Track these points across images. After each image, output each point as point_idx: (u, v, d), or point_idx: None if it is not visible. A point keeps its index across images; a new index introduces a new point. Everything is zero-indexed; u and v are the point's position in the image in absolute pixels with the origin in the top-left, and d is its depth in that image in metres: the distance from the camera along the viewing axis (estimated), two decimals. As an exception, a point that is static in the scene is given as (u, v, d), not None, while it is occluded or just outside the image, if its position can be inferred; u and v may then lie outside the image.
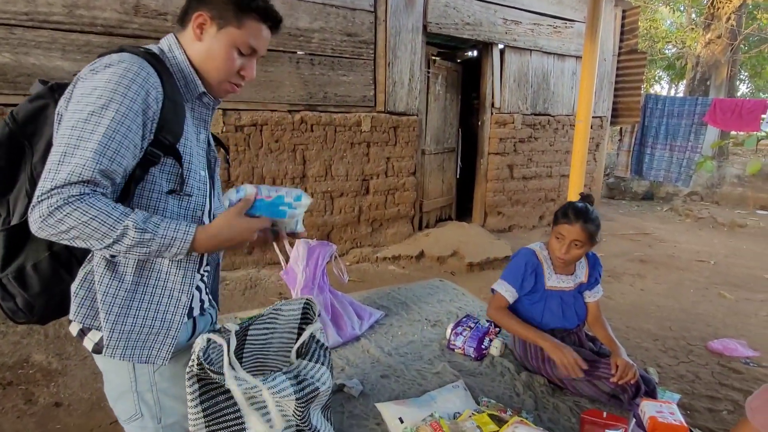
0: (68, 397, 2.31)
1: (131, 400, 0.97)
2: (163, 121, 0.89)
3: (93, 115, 0.80)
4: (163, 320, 0.94)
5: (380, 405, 1.57)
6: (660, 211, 7.83)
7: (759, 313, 3.62)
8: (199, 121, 1.04)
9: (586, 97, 3.70)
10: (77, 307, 0.92)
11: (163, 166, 0.92)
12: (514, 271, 1.82)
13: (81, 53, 3.17)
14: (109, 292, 0.90)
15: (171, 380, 1.00)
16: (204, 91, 1.00)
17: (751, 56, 11.53)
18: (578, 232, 1.68)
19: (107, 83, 0.83)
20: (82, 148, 0.79)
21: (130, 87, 0.84)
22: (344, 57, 4.20)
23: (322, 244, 2.21)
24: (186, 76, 0.98)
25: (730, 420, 2.29)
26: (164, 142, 0.90)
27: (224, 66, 0.98)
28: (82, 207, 0.78)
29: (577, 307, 1.84)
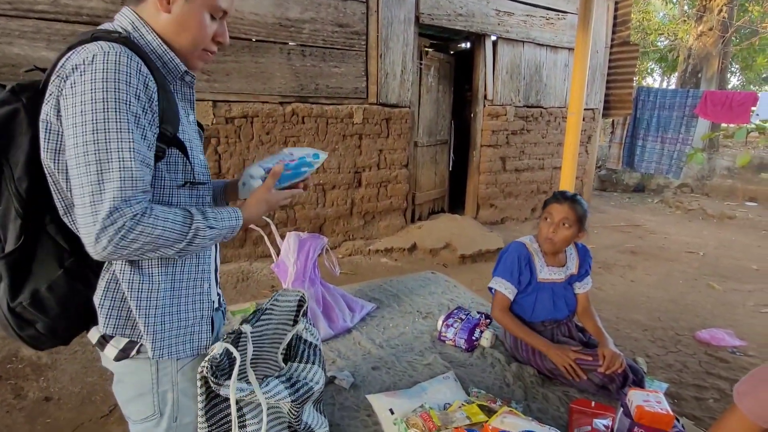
0: (58, 392, 2.30)
1: (150, 401, 0.95)
2: (162, 112, 0.84)
3: (108, 122, 0.75)
4: (195, 311, 0.96)
5: (371, 396, 1.58)
6: (651, 202, 7.89)
7: (746, 303, 3.67)
8: (185, 103, 0.98)
9: (578, 89, 3.70)
10: (105, 319, 0.89)
11: (167, 159, 0.88)
12: (508, 266, 1.82)
13: (67, 43, 3.10)
14: (143, 297, 0.88)
15: (191, 380, 0.98)
16: (186, 70, 0.94)
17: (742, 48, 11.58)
18: (567, 210, 1.71)
19: (106, 83, 0.76)
20: (117, 159, 0.75)
21: (130, 82, 0.78)
22: (336, 48, 4.16)
23: (313, 236, 2.20)
24: (162, 56, 0.90)
25: (716, 408, 2.33)
26: (167, 134, 0.85)
27: (200, 35, 0.91)
28: (150, 222, 0.78)
29: (568, 298, 1.86)
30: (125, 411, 0.99)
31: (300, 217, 4.32)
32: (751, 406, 0.94)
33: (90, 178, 0.75)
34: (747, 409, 0.94)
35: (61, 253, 0.86)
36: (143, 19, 0.88)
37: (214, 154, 3.80)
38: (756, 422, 0.94)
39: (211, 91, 3.66)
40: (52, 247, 0.85)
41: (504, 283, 1.81)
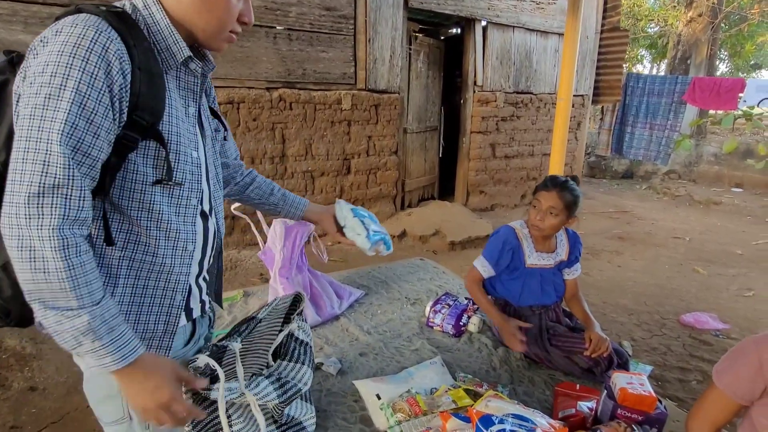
0: (43, 381, 2.27)
1: (119, 404, 0.89)
2: (135, 97, 0.75)
3: (50, 99, 0.68)
4: (158, 322, 0.86)
5: (358, 382, 1.58)
6: (639, 189, 7.96)
7: (730, 287, 3.74)
8: (186, 92, 0.89)
9: (568, 75, 3.68)
10: None
11: (145, 151, 0.79)
12: (492, 249, 1.84)
13: (44, 26, 3.00)
14: None
15: None
16: (190, 56, 0.84)
17: (731, 35, 11.62)
18: (554, 198, 1.70)
19: (60, 56, 0.69)
20: (45, 140, 0.68)
21: (88, 59, 0.69)
22: (323, 32, 4.09)
23: (299, 223, 2.18)
24: (166, 38, 0.81)
25: (699, 389, 2.37)
26: (141, 122, 0.76)
27: (227, 15, 0.83)
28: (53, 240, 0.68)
29: (556, 284, 1.87)
30: (96, 412, 0.94)
31: (289, 205, 4.28)
32: (729, 382, 0.96)
33: (17, 155, 0.68)
34: (725, 386, 0.96)
35: None
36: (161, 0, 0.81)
37: (200, 141, 3.73)
38: (733, 398, 0.96)
39: (195, 76, 3.58)
40: None
41: (484, 263, 1.85)
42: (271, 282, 2.14)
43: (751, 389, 0.94)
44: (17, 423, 2.01)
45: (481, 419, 1.04)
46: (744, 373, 0.94)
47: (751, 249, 4.77)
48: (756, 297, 3.55)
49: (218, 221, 1.01)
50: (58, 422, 2.02)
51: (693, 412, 1.04)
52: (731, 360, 0.98)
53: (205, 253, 0.95)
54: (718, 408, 0.99)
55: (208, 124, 0.99)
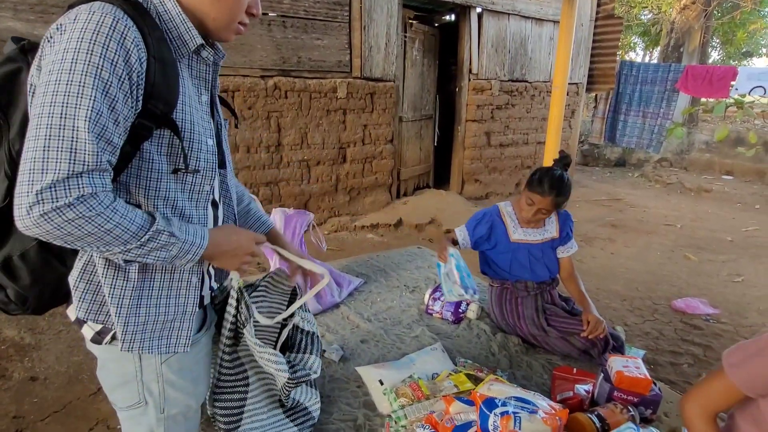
0: (44, 371, 2.28)
1: (135, 389, 0.91)
2: (150, 86, 0.75)
3: (72, 85, 0.67)
4: (177, 305, 0.88)
5: (360, 368, 1.61)
6: (631, 177, 8.03)
7: (720, 273, 3.81)
8: (199, 81, 0.89)
9: (563, 62, 3.69)
10: (79, 302, 0.85)
11: (159, 140, 0.80)
12: (472, 218, 1.95)
13: (34, 13, 2.95)
14: (117, 285, 0.82)
15: (178, 372, 0.93)
16: (202, 44, 0.84)
17: (723, 23, 11.65)
18: (548, 203, 1.75)
19: (80, 43, 0.68)
20: (70, 128, 0.66)
21: (108, 46, 0.69)
22: (318, 19, 4.05)
23: (299, 212, 2.19)
24: (178, 26, 0.81)
25: (690, 372, 2.44)
26: (155, 111, 0.76)
27: (237, 6, 0.84)
28: (97, 207, 0.68)
29: (547, 261, 1.89)
30: (110, 397, 0.95)
31: (285, 194, 4.28)
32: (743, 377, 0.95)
33: (38, 143, 0.66)
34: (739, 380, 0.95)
35: None
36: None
37: (231, 128, 3.70)
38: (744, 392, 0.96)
39: (189, 64, 3.53)
40: None
41: (462, 231, 1.95)
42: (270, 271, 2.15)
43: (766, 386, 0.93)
44: (19, 413, 2.02)
45: (485, 402, 1.07)
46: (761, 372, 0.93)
47: (741, 235, 4.85)
48: (745, 282, 3.63)
49: (227, 210, 1.02)
50: (60, 411, 2.03)
51: (692, 396, 1.03)
52: (747, 353, 0.96)
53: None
54: (722, 396, 0.98)
55: (220, 114, 1.00)
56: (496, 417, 1.03)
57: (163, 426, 0.94)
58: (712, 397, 1.00)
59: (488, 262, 1.97)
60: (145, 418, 0.93)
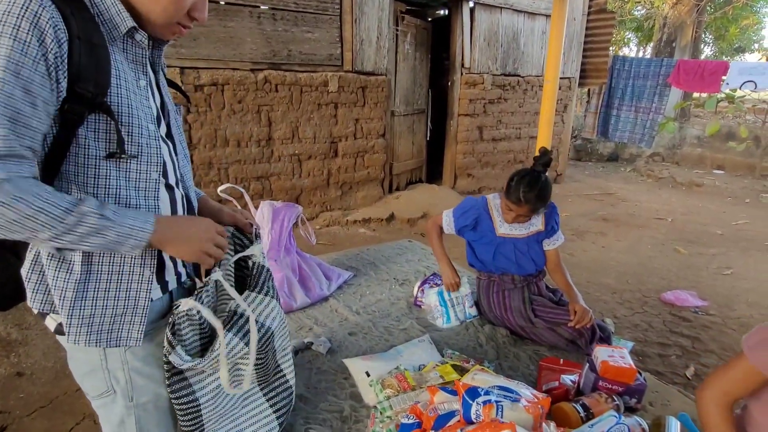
0: (30, 367, 2.26)
1: (102, 378, 0.90)
2: (75, 68, 0.72)
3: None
4: (127, 299, 0.85)
5: (347, 360, 1.61)
6: (624, 171, 8.07)
7: (709, 266, 3.84)
8: (135, 65, 0.86)
9: (555, 57, 3.69)
10: (32, 293, 0.84)
11: (95, 125, 0.77)
12: (460, 206, 1.96)
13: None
14: (59, 277, 0.80)
15: (143, 360, 0.92)
16: (134, 26, 0.81)
17: (716, 18, 11.69)
18: (525, 211, 1.76)
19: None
20: None
21: (19, 26, 0.67)
22: (308, 12, 4.02)
23: (287, 205, 2.18)
24: (109, 8, 0.78)
25: (678, 364, 2.46)
26: (84, 94, 0.73)
27: (173, 7, 0.81)
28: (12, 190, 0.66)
29: (533, 254, 1.89)
30: (82, 387, 0.95)
31: (276, 189, 4.26)
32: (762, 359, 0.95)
33: None
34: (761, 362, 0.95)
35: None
36: None
37: (184, 124, 3.67)
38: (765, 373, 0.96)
39: (177, 56, 3.50)
40: None
41: (448, 216, 1.97)
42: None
43: None
44: (5, 408, 2.00)
45: (468, 391, 1.06)
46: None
47: (731, 229, 4.89)
48: (734, 275, 3.66)
49: (187, 192, 0.99)
50: (47, 407, 2.01)
51: (711, 381, 1.03)
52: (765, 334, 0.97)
53: None
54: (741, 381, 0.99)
55: (169, 97, 0.97)
56: (479, 406, 1.03)
57: (134, 415, 0.93)
58: (731, 382, 1.00)
59: (474, 254, 1.96)
60: (115, 406, 0.92)
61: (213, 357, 0.94)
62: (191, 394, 0.97)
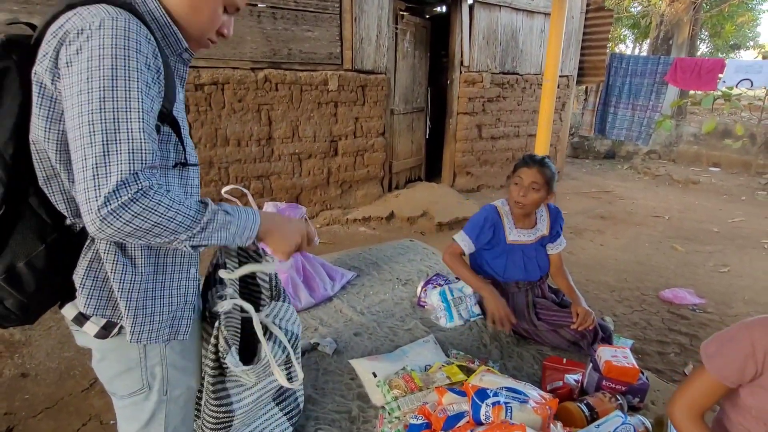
0: (35, 368, 2.26)
1: (138, 376, 0.93)
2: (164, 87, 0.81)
3: (118, 91, 0.71)
4: (180, 296, 0.92)
5: (354, 361, 1.62)
6: (621, 169, 8.11)
7: (706, 263, 3.88)
8: (178, 80, 0.94)
9: (554, 56, 3.70)
10: (86, 299, 0.84)
11: (161, 137, 0.82)
12: (473, 224, 1.91)
13: (17, 3, 2.89)
14: (126, 279, 0.83)
15: (181, 353, 0.97)
16: (186, 47, 0.89)
17: (712, 15, 11.74)
18: (535, 174, 1.77)
19: (115, 49, 0.71)
20: (125, 131, 0.71)
21: (139, 50, 0.73)
22: (308, 11, 4.01)
23: (291, 206, 2.19)
24: (163, 28, 0.85)
25: (677, 361, 2.49)
26: (164, 110, 0.80)
27: (209, 23, 0.89)
28: (158, 198, 0.73)
29: (539, 259, 1.92)
30: (110, 387, 0.96)
31: (276, 187, 4.26)
32: (720, 366, 0.98)
33: (95, 150, 0.69)
34: (715, 370, 0.97)
35: (43, 227, 0.80)
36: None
37: (184, 123, 3.67)
38: (723, 382, 0.98)
39: (178, 56, 3.49)
40: (34, 221, 0.79)
41: (464, 237, 1.91)
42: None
43: (742, 373, 0.96)
44: (11, 409, 2.01)
45: (477, 393, 1.08)
46: (735, 357, 0.96)
47: (727, 227, 4.93)
48: (731, 273, 3.70)
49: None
50: (52, 407, 2.02)
51: (676, 397, 1.04)
52: (721, 344, 0.99)
53: None
54: (705, 392, 1.00)
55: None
56: (488, 407, 1.05)
57: (165, 409, 0.97)
58: (697, 396, 1.01)
59: (480, 264, 1.96)
60: (147, 403, 0.95)
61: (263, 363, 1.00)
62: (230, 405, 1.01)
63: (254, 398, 1.09)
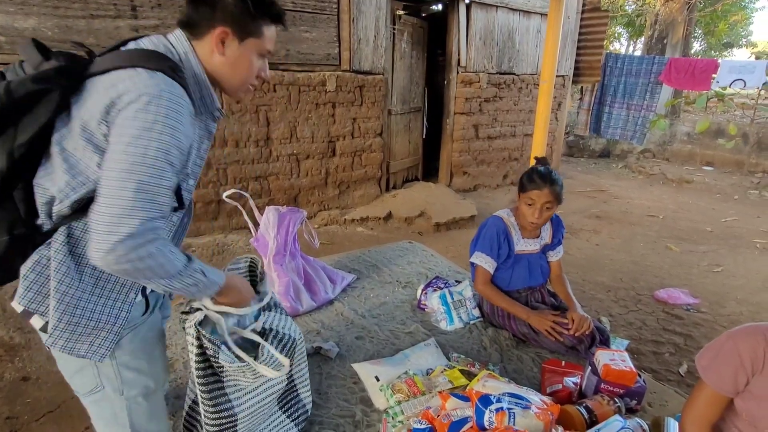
0: (36, 371, 2.27)
1: (91, 374, 0.97)
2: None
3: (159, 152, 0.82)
4: (110, 315, 0.94)
5: (356, 365, 1.64)
6: (615, 168, 8.17)
7: (701, 263, 3.93)
8: (205, 133, 1.03)
9: (551, 56, 3.72)
10: (24, 290, 0.90)
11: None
12: (488, 241, 1.87)
13: (14, 5, 2.87)
14: (65, 281, 0.88)
15: (132, 353, 0.99)
16: (219, 107, 1.02)
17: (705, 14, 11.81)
18: (547, 195, 1.75)
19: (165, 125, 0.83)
20: (155, 186, 0.82)
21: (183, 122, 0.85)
22: (306, 11, 4.01)
23: (292, 210, 2.20)
24: (202, 89, 0.97)
25: (672, 361, 2.53)
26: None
27: (248, 74, 1.00)
28: (161, 248, 0.83)
29: (543, 266, 1.96)
30: (72, 386, 1.01)
31: (274, 188, 4.27)
32: (714, 378, 1.00)
33: (126, 193, 0.79)
34: (711, 382, 1.00)
35: (15, 219, 0.87)
36: (197, 54, 0.95)
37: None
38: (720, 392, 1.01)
39: (176, 57, 3.48)
40: (8, 213, 0.86)
41: (485, 258, 1.88)
42: (264, 268, 2.16)
43: (735, 383, 0.99)
44: (13, 413, 2.01)
45: (481, 399, 1.11)
46: (726, 369, 0.99)
47: (720, 226, 4.99)
48: (724, 272, 3.75)
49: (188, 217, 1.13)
50: (55, 411, 2.03)
51: (686, 410, 1.07)
52: (712, 356, 1.02)
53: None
54: (708, 403, 1.03)
55: None
56: (492, 413, 1.08)
57: (126, 408, 1.00)
58: (702, 408, 1.04)
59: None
60: (107, 402, 1.00)
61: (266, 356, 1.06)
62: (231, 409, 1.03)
63: (256, 401, 1.11)
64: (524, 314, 1.82)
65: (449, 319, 1.97)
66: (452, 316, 1.98)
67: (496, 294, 1.88)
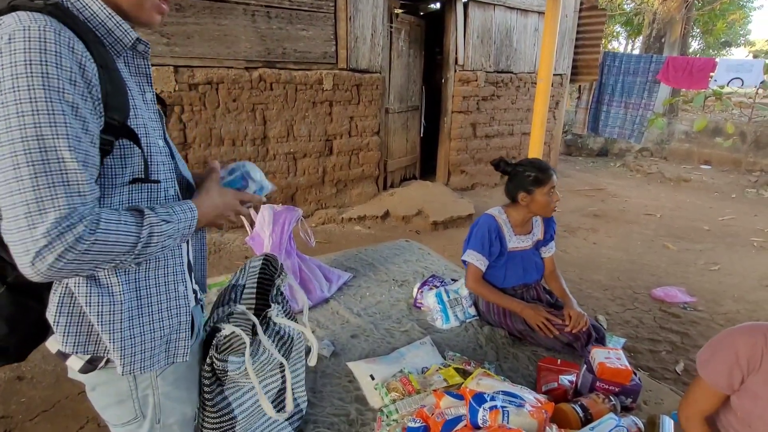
0: (30, 371, 2.26)
1: (130, 406, 0.89)
2: (105, 97, 0.69)
3: (40, 115, 0.61)
4: (171, 317, 0.85)
5: (351, 364, 1.64)
6: (613, 167, 8.17)
7: (697, 262, 3.93)
8: (139, 77, 0.82)
9: (548, 55, 3.71)
10: (64, 337, 0.78)
11: (119, 151, 0.74)
12: (480, 239, 1.87)
13: None
14: (104, 311, 0.76)
15: (174, 384, 0.93)
16: (138, 37, 0.77)
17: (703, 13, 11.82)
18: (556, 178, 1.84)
19: (30, 66, 0.61)
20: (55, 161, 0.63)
21: (62, 64, 0.63)
22: (303, 9, 4.00)
23: (287, 209, 2.19)
24: (106, 22, 0.74)
25: (669, 359, 2.53)
26: (113, 123, 0.71)
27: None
28: (102, 228, 0.66)
29: (536, 263, 1.96)
30: (103, 416, 0.92)
31: (271, 187, 4.25)
32: (710, 374, 1.01)
33: (22, 185, 0.61)
34: (708, 378, 1.01)
35: (2, 268, 0.74)
36: None
37: (178, 123, 3.65)
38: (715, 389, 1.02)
39: (171, 55, 3.47)
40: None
41: (476, 255, 1.88)
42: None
43: (730, 380, 1.00)
44: (7, 413, 2.00)
45: (475, 397, 1.10)
46: (723, 366, 1.00)
47: (717, 225, 5.00)
48: (721, 270, 3.76)
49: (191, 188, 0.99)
50: (49, 410, 2.02)
51: (683, 404, 1.09)
52: (711, 352, 1.03)
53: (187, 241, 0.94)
54: (705, 398, 1.04)
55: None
56: (485, 411, 1.07)
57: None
58: (699, 402, 1.05)
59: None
60: (141, 430, 0.92)
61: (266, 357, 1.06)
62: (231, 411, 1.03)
63: (254, 401, 1.11)
64: (518, 307, 1.82)
65: (445, 318, 1.96)
66: (448, 314, 1.97)
67: (489, 290, 1.88)
